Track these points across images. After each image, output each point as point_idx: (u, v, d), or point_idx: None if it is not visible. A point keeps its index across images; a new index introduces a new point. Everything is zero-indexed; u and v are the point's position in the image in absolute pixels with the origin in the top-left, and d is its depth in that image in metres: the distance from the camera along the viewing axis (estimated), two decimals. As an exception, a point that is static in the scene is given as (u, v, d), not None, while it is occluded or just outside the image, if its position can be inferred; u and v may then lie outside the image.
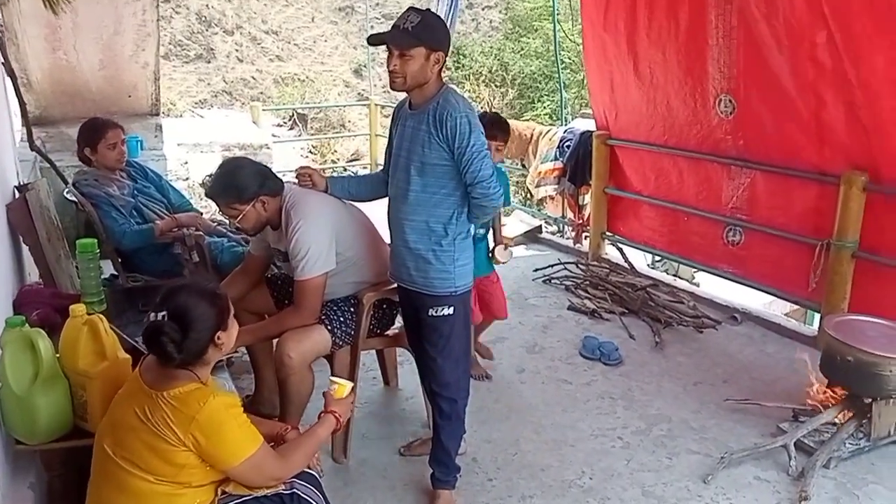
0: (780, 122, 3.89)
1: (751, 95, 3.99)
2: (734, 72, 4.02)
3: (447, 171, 2.52)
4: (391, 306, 3.03)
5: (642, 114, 4.74)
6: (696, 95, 4.29)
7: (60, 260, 3.22)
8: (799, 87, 3.69)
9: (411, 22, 2.39)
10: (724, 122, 4.19)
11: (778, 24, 3.65)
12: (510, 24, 16.93)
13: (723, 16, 3.94)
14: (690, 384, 3.61)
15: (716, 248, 4.49)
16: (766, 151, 4.04)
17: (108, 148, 3.50)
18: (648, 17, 4.40)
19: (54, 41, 4.78)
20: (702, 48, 4.11)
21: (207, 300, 1.84)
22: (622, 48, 4.68)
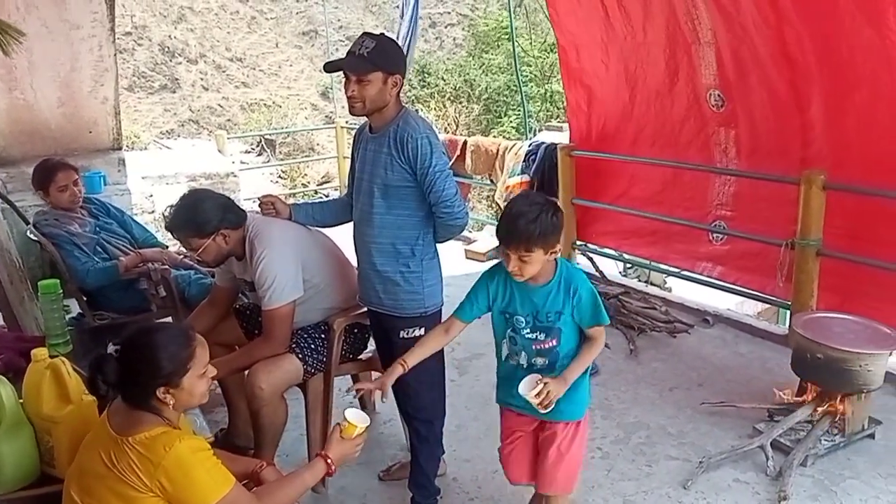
0: (767, 113, 3.99)
1: (737, 90, 4.08)
2: (718, 68, 4.12)
3: (411, 192, 2.53)
4: (363, 330, 3.01)
5: (628, 116, 4.80)
6: (689, 90, 4.37)
7: (24, 302, 3.17)
8: (778, 81, 3.78)
9: (366, 47, 2.40)
10: (716, 115, 4.28)
11: (747, 24, 3.75)
12: (473, 42, 17.09)
13: (697, 19, 4.05)
14: (666, 390, 3.63)
15: (699, 247, 4.54)
16: (757, 141, 4.12)
17: (58, 190, 3.46)
18: (626, 22, 4.49)
19: (10, 81, 4.73)
20: (686, 46, 4.21)
21: (163, 353, 1.75)
22: (606, 53, 4.75)
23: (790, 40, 3.62)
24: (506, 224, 2.09)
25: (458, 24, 20.45)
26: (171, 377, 1.76)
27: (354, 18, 19.76)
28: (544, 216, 2.05)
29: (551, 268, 2.18)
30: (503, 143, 6.04)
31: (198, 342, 1.82)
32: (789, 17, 3.53)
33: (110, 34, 4.76)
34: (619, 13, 4.50)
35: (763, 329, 4.22)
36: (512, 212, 2.09)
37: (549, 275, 2.18)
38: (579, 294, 2.16)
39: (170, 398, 1.76)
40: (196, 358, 1.79)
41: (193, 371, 1.79)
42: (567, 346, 2.21)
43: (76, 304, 3.52)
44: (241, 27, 18.93)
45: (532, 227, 2.03)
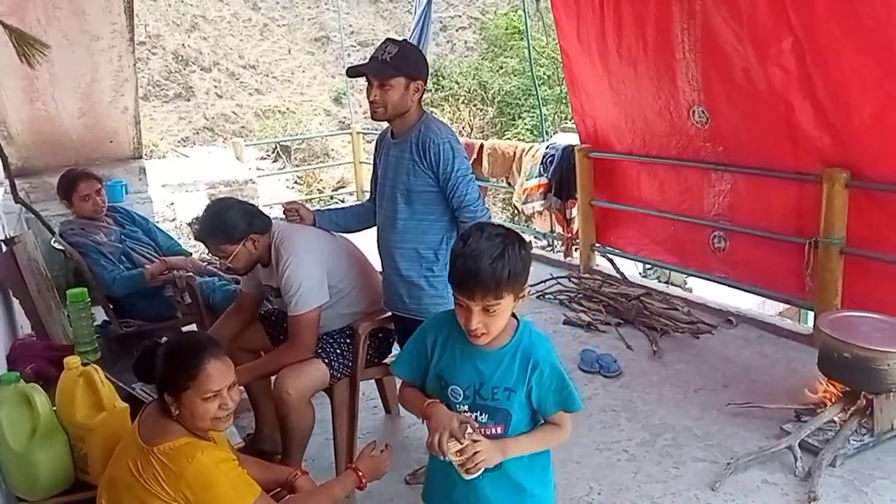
0: (754, 128, 3.95)
1: (722, 105, 4.04)
2: (704, 84, 4.07)
3: (434, 197, 2.54)
4: (387, 334, 3.02)
5: (621, 128, 4.80)
6: (671, 108, 4.34)
7: (52, 311, 3.20)
8: (768, 93, 3.73)
9: (389, 53, 2.42)
10: (701, 131, 4.24)
11: (743, 33, 3.70)
12: (485, 44, 17.09)
13: (688, 30, 3.99)
14: (691, 391, 3.61)
15: (705, 255, 4.53)
16: (744, 157, 4.09)
17: (81, 200, 3.51)
18: (617, 34, 4.45)
19: (32, 92, 4.78)
20: (670, 63, 4.16)
21: (167, 361, 1.78)
22: (596, 65, 4.74)
23: (785, 49, 3.56)
24: (463, 266, 1.56)
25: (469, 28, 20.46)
26: (171, 388, 1.77)
27: (366, 24, 19.83)
28: (511, 251, 1.57)
29: (510, 328, 1.69)
30: (520, 146, 6.04)
31: (210, 368, 1.76)
32: (786, 28, 3.49)
33: (129, 44, 4.81)
34: (613, 22, 4.45)
35: (787, 329, 4.19)
36: (468, 250, 1.56)
37: (506, 337, 1.68)
38: (541, 369, 1.67)
39: (174, 409, 1.77)
40: (199, 380, 1.75)
41: (193, 392, 1.74)
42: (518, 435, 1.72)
43: (101, 312, 3.56)
44: (254, 34, 19.04)
45: (499, 267, 1.54)
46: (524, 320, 1.74)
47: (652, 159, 4.69)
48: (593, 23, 4.61)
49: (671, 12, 4.01)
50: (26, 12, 4.21)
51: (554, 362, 1.71)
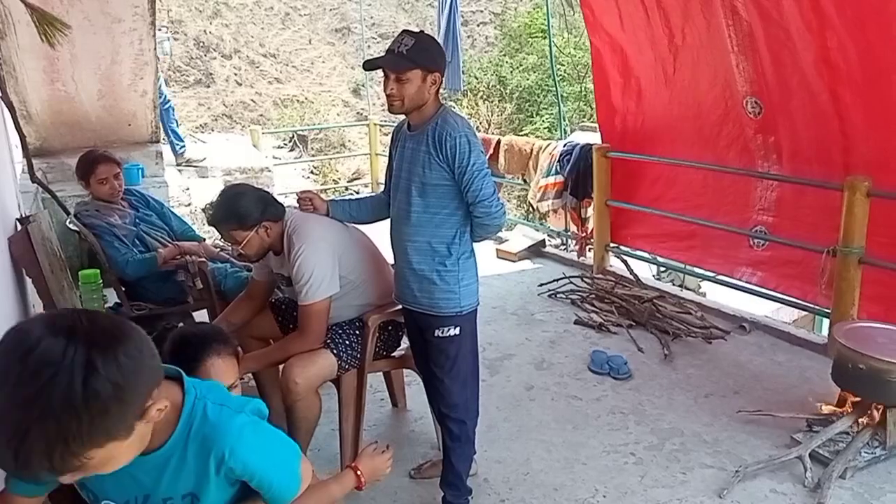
0: (806, 121, 3.91)
1: (774, 97, 4.02)
2: (755, 75, 4.06)
3: (448, 190, 2.51)
4: (397, 328, 3.01)
5: (670, 119, 4.75)
6: (726, 96, 4.31)
7: (64, 291, 3.22)
8: (819, 87, 3.71)
9: (406, 45, 2.39)
10: (753, 121, 4.21)
11: (789, 31, 3.68)
12: (506, 40, 17.04)
13: (733, 26, 3.98)
14: (702, 396, 3.57)
15: (739, 252, 4.47)
16: (797, 148, 4.05)
17: (99, 182, 3.51)
18: (666, 25, 4.45)
19: (53, 73, 4.80)
20: (724, 52, 4.14)
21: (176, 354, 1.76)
22: (645, 54, 4.71)
23: (832, 46, 3.54)
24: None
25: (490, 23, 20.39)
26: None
27: (387, 16, 19.81)
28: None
29: (169, 420, 1.26)
30: (537, 143, 6.01)
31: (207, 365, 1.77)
32: (833, 24, 3.46)
33: (150, 28, 4.81)
34: (659, 16, 4.45)
35: (801, 337, 4.14)
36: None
37: (163, 433, 1.26)
38: (229, 466, 1.30)
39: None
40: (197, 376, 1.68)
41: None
42: None
43: (114, 294, 3.57)
44: (275, 23, 19.06)
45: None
46: (194, 396, 1.31)
47: (675, 161, 4.64)
48: (638, 13, 4.59)
49: (715, 8, 4.01)
50: (49, -8, 4.21)
51: (248, 460, 1.32)
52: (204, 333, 1.88)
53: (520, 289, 5.14)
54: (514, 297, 4.97)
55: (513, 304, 4.84)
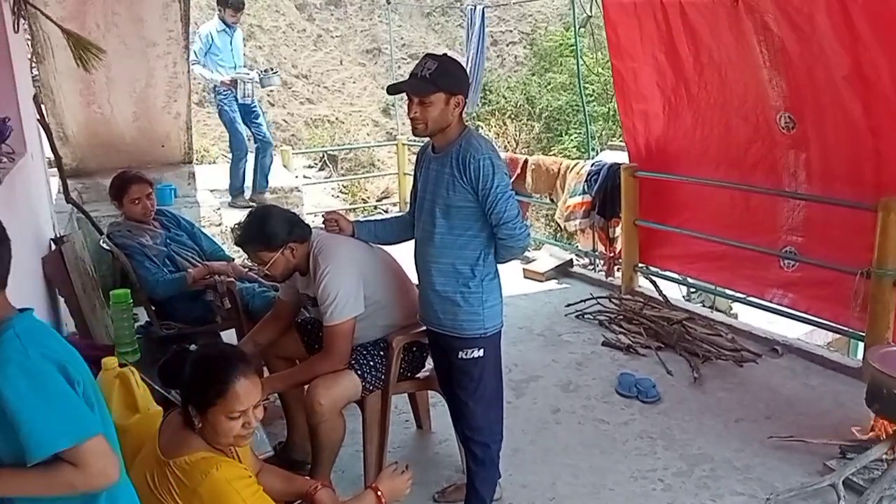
0: (839, 137, 3.86)
1: (809, 113, 3.97)
2: (788, 91, 4.01)
3: (472, 212, 2.52)
4: (421, 348, 3.01)
5: (696, 137, 4.71)
6: (758, 112, 4.26)
7: (95, 310, 3.27)
8: (852, 102, 3.66)
9: (428, 69, 2.41)
10: (786, 137, 4.16)
11: (822, 47, 3.65)
12: (535, 59, 17.07)
13: (764, 42, 3.94)
14: (732, 421, 3.50)
15: (769, 273, 4.39)
16: (828, 165, 3.99)
17: (132, 202, 3.57)
18: (693, 43, 4.43)
19: (89, 95, 4.93)
20: (755, 68, 4.11)
21: (197, 374, 1.77)
22: (667, 76, 4.69)
23: (865, 62, 3.49)
24: None
25: (519, 43, 20.46)
26: (197, 401, 1.76)
27: (417, 37, 20.00)
28: None
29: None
30: (564, 163, 5.99)
31: (238, 387, 1.75)
32: (865, 39, 3.42)
33: (184, 52, 4.92)
34: (685, 35, 4.43)
35: (835, 361, 4.05)
36: None
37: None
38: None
39: (197, 421, 1.77)
40: (226, 398, 1.74)
41: (219, 409, 1.74)
42: None
43: (144, 314, 3.62)
44: (308, 45, 19.34)
45: None
46: (18, 328, 1.44)
47: (702, 180, 4.59)
48: (658, 35, 4.58)
49: (744, 25, 3.98)
50: (86, 18, 4.34)
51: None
52: (227, 354, 1.88)
53: (547, 309, 5.10)
54: (541, 318, 4.94)
55: (539, 325, 4.81)
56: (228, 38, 6.46)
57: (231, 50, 6.49)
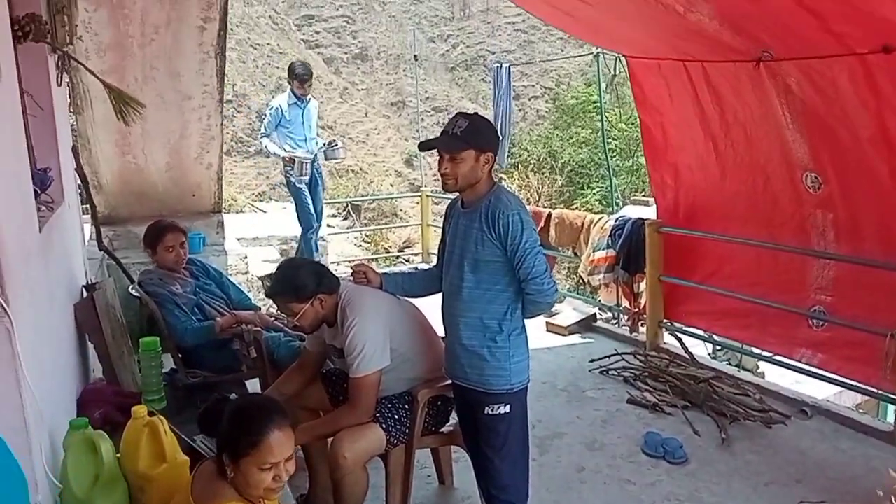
0: (866, 197, 3.84)
1: (834, 172, 3.97)
2: (813, 152, 4.02)
3: (500, 267, 2.54)
4: (446, 403, 2.99)
5: (724, 193, 4.72)
6: (783, 171, 4.27)
7: (123, 357, 3.30)
8: (878, 165, 3.65)
9: (460, 127, 2.47)
10: (813, 197, 4.15)
11: (846, 110, 3.67)
12: (557, 114, 17.29)
13: (787, 104, 3.97)
14: (762, 484, 3.42)
15: (798, 332, 4.33)
16: (856, 225, 3.97)
17: (166, 250, 3.63)
18: (718, 103, 4.47)
19: (124, 146, 5.06)
20: (777, 130, 4.13)
21: (233, 424, 1.79)
22: (696, 131, 4.72)
23: (891, 125, 3.50)
24: None
25: (541, 97, 20.76)
26: (230, 450, 1.77)
27: (441, 90, 20.38)
28: None
29: None
30: (588, 217, 6.02)
31: (273, 438, 1.76)
32: (890, 102, 3.43)
33: (219, 105, 5.05)
34: (709, 94, 4.48)
35: (866, 424, 3.95)
36: None
37: None
38: None
39: (230, 470, 1.77)
40: (260, 450, 1.75)
41: (252, 459, 1.75)
42: None
43: (169, 361, 3.64)
44: (334, 97, 19.77)
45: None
46: None
47: (728, 238, 4.58)
48: (686, 93, 4.63)
49: (766, 86, 4.01)
50: (125, 71, 4.49)
51: None
52: (263, 405, 1.90)
53: (570, 364, 5.06)
54: (565, 373, 4.90)
55: (563, 380, 4.77)
56: (300, 110, 6.45)
57: (303, 122, 6.47)
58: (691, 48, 4.27)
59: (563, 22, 5.39)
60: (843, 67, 3.53)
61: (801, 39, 3.48)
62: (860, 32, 3.24)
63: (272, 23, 20.78)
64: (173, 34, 4.42)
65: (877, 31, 3.16)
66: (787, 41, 3.63)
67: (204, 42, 4.52)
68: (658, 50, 4.63)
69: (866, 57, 3.36)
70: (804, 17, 3.22)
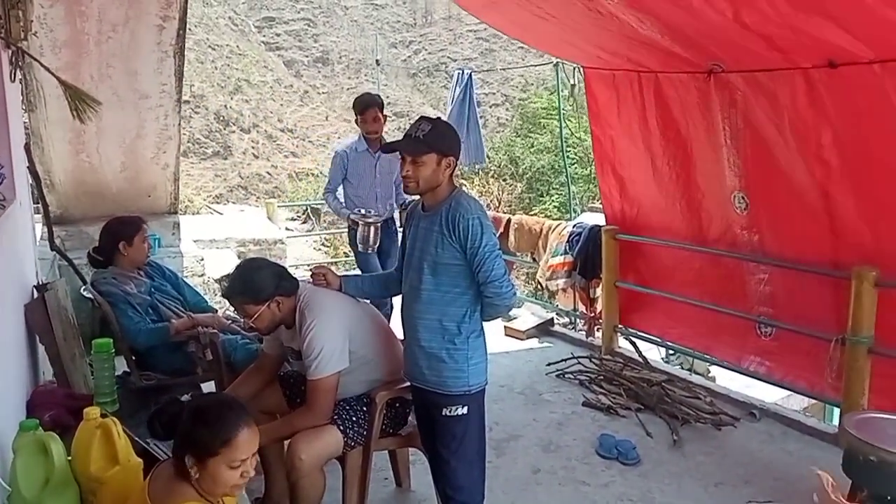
0: (793, 219, 3.94)
1: (762, 194, 4.06)
2: (744, 171, 4.10)
3: (460, 270, 2.57)
4: (404, 405, 3.00)
5: (662, 209, 4.81)
6: (715, 191, 4.35)
7: (75, 359, 3.24)
8: (808, 185, 3.75)
9: (423, 130, 2.50)
10: (740, 217, 4.25)
11: (783, 125, 3.75)
12: (519, 121, 17.46)
13: (728, 119, 4.05)
14: (712, 485, 3.51)
15: (747, 342, 4.43)
16: (781, 247, 4.07)
17: (142, 241, 3.60)
18: (661, 118, 4.54)
19: (78, 144, 4.95)
20: (714, 146, 4.21)
21: (202, 424, 1.76)
22: (638, 146, 4.80)
23: (825, 142, 3.56)
24: None
25: (501, 105, 20.95)
26: (199, 450, 1.75)
27: (402, 96, 20.41)
28: None
29: None
30: (547, 223, 6.10)
31: (243, 435, 1.77)
32: (829, 117, 3.52)
33: (176, 105, 4.98)
34: (656, 108, 4.54)
35: (812, 426, 4.08)
36: None
37: None
38: None
39: (195, 471, 1.76)
40: (232, 447, 1.75)
41: (222, 458, 1.75)
42: None
43: (122, 363, 3.58)
44: (294, 100, 19.66)
45: None
46: None
47: (682, 245, 4.69)
48: (635, 106, 4.71)
49: (712, 99, 4.09)
50: (81, 69, 4.40)
51: None
52: (230, 404, 1.89)
53: (528, 367, 5.12)
54: (522, 376, 4.95)
55: (520, 383, 4.82)
56: (372, 160, 4.75)
57: (372, 176, 4.81)
58: (646, 59, 4.35)
59: (522, 34, 5.45)
60: (788, 81, 3.63)
61: (750, 53, 3.58)
62: (805, 50, 3.34)
63: (232, 24, 20.57)
64: (131, 32, 4.34)
65: (821, 49, 3.27)
66: (736, 55, 3.73)
67: (162, 41, 4.45)
68: (613, 62, 4.71)
69: (811, 71, 3.47)
70: (751, 36, 3.31)
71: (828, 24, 2.96)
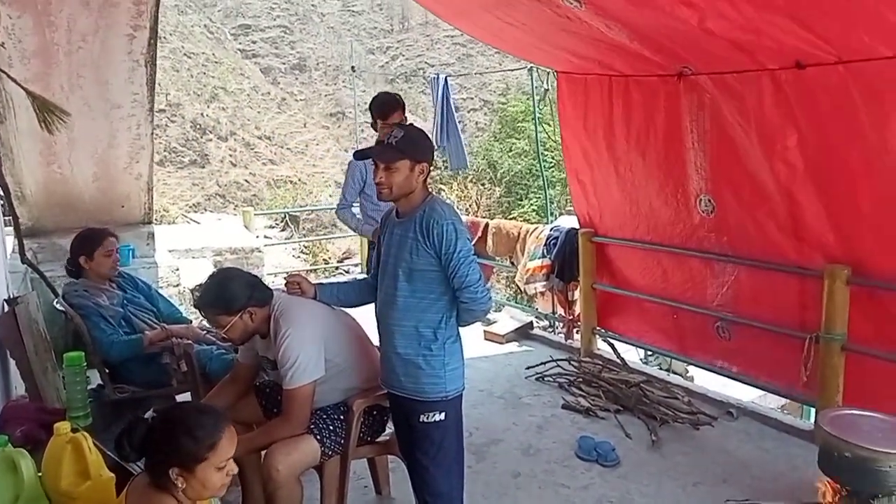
0: (759, 220, 3.98)
1: (728, 196, 4.09)
2: (711, 173, 4.13)
3: (435, 276, 2.57)
4: (381, 412, 2.99)
5: (625, 214, 4.84)
6: (678, 196, 4.38)
7: (47, 372, 3.19)
8: (773, 187, 3.79)
9: (395, 137, 2.50)
10: (705, 220, 4.28)
11: (749, 127, 3.78)
12: (498, 126, 17.52)
13: (696, 121, 4.08)
14: (690, 484, 3.53)
15: (709, 344, 4.49)
16: (748, 249, 4.10)
17: (104, 255, 3.54)
18: (626, 123, 4.56)
19: (49, 155, 4.88)
20: (679, 151, 4.23)
21: (186, 433, 1.75)
22: (602, 153, 4.83)
23: (790, 144, 3.60)
24: None
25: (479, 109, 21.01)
26: (185, 460, 1.75)
27: (381, 101, 20.33)
28: None
29: None
30: (525, 227, 6.12)
31: (226, 436, 1.80)
32: (794, 118, 3.56)
33: (149, 114, 4.93)
34: (623, 114, 4.56)
35: (789, 424, 4.12)
36: None
37: None
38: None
39: (181, 482, 1.75)
40: (218, 450, 1.77)
41: (210, 462, 1.76)
42: None
43: (96, 376, 3.54)
44: (272, 107, 19.57)
45: None
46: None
47: (654, 246, 4.72)
48: (601, 112, 4.73)
49: (680, 102, 4.12)
50: (51, 79, 4.34)
51: None
52: (205, 410, 1.90)
53: (507, 371, 5.12)
54: (502, 380, 4.95)
55: (500, 388, 4.82)
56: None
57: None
58: (617, 63, 4.38)
59: (495, 41, 5.46)
60: (755, 83, 3.66)
61: (717, 56, 3.61)
62: (771, 52, 3.38)
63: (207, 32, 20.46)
64: (101, 42, 4.30)
65: (787, 51, 3.30)
66: (705, 58, 3.76)
67: (133, 50, 4.41)
68: (584, 66, 4.73)
69: (778, 73, 3.51)
70: (717, 40, 3.34)
71: (791, 25, 3.00)
